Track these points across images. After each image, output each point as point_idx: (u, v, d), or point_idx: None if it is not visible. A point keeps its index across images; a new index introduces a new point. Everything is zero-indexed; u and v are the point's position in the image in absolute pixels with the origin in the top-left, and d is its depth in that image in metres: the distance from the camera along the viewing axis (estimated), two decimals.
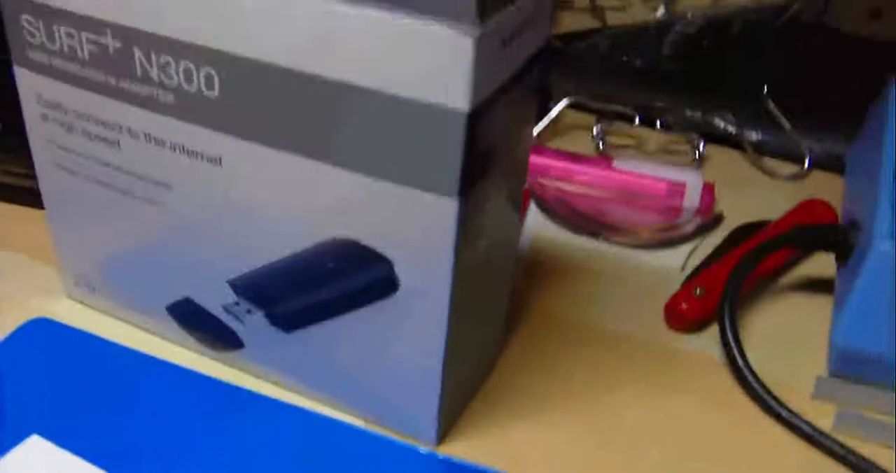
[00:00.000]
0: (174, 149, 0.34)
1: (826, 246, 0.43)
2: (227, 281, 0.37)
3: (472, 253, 0.32)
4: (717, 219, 0.51)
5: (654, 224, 0.50)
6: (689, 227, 0.50)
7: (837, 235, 0.43)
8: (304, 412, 0.37)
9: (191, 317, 0.39)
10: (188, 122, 0.33)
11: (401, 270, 0.32)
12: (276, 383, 0.39)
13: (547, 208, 0.50)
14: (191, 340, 0.40)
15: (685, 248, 0.49)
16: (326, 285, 0.34)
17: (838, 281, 0.44)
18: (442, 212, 0.30)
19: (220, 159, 0.33)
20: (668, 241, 0.49)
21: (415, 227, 0.31)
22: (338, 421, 0.37)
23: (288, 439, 0.36)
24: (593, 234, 0.49)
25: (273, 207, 0.33)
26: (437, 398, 0.35)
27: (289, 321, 0.36)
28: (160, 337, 0.41)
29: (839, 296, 0.43)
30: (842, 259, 0.44)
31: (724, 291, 0.42)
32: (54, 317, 0.41)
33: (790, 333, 0.44)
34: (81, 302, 0.43)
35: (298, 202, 0.32)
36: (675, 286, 0.45)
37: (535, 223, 0.50)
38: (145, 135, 0.35)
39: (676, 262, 0.48)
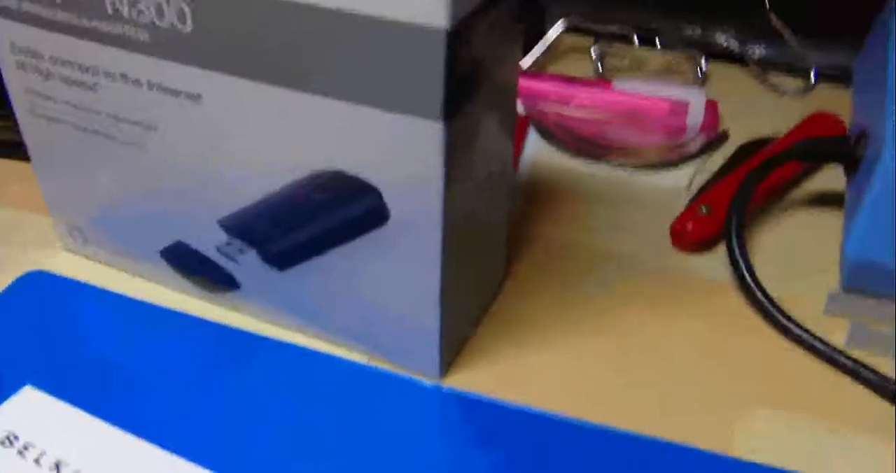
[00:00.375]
0: (152, 89, 0.33)
1: (834, 159, 0.42)
2: (218, 221, 0.36)
3: (464, 180, 0.31)
4: (722, 137, 0.49)
5: (658, 144, 0.48)
6: (694, 146, 0.48)
7: (845, 146, 0.41)
8: (305, 351, 0.37)
9: (185, 261, 0.38)
10: (164, 59, 0.32)
11: (390, 199, 0.31)
12: (275, 323, 0.38)
13: (547, 134, 0.49)
14: (187, 284, 0.39)
15: (690, 168, 0.48)
16: (316, 218, 0.33)
17: (848, 194, 0.43)
18: (428, 136, 0.29)
19: (200, 96, 0.32)
20: (673, 161, 0.48)
21: (401, 154, 0.30)
22: (340, 359, 0.37)
23: (290, 379, 0.36)
24: (596, 157, 0.48)
25: (257, 142, 0.32)
26: (438, 329, 0.34)
27: (281, 258, 0.35)
28: (156, 284, 0.40)
29: (849, 209, 0.41)
30: (851, 171, 0.42)
31: (729, 208, 0.41)
32: (51, 270, 0.41)
33: (800, 249, 0.43)
34: (77, 254, 0.42)
35: (281, 134, 0.31)
36: (681, 206, 0.44)
37: (536, 149, 0.49)
38: (122, 76, 0.33)
39: (682, 182, 0.47)
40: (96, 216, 0.39)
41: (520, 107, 0.50)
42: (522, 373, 0.37)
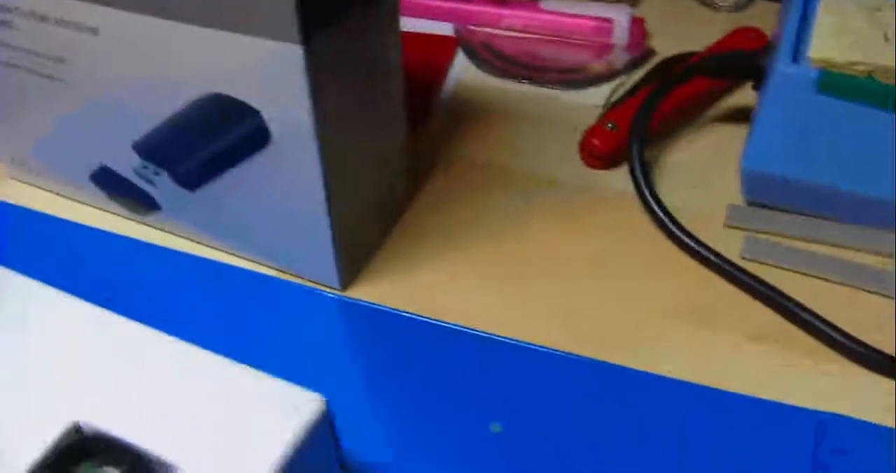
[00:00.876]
0: (58, 24, 0.35)
1: (741, 73, 0.43)
2: (132, 145, 0.38)
3: (336, 100, 0.33)
4: (648, 54, 0.50)
5: (585, 62, 0.50)
6: (619, 64, 0.49)
7: (752, 61, 0.42)
8: (220, 265, 0.39)
9: (111, 184, 0.41)
10: None
11: (269, 119, 0.33)
12: (196, 241, 0.41)
13: (474, 55, 0.50)
14: (118, 207, 0.42)
15: (612, 85, 0.49)
16: (211, 140, 0.35)
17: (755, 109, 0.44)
18: (289, 59, 0.30)
19: (97, 29, 0.34)
20: (597, 79, 0.49)
21: (268, 76, 0.31)
22: (249, 271, 0.39)
23: (205, 290, 0.39)
24: (521, 78, 0.49)
25: (147, 69, 0.34)
26: (331, 243, 0.37)
27: (189, 178, 0.38)
28: (94, 208, 0.43)
29: (752, 123, 0.43)
30: (757, 85, 0.43)
31: (632, 123, 0.42)
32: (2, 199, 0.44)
33: (713, 165, 0.44)
34: (23, 182, 0.45)
35: (166, 61, 0.33)
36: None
37: (463, 70, 0.50)
38: (32, 13, 0.35)
39: (601, 100, 0.48)
40: (32, 146, 0.42)
41: (448, 29, 0.51)
42: (425, 286, 0.39)
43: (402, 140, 0.40)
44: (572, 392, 0.35)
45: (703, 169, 0.44)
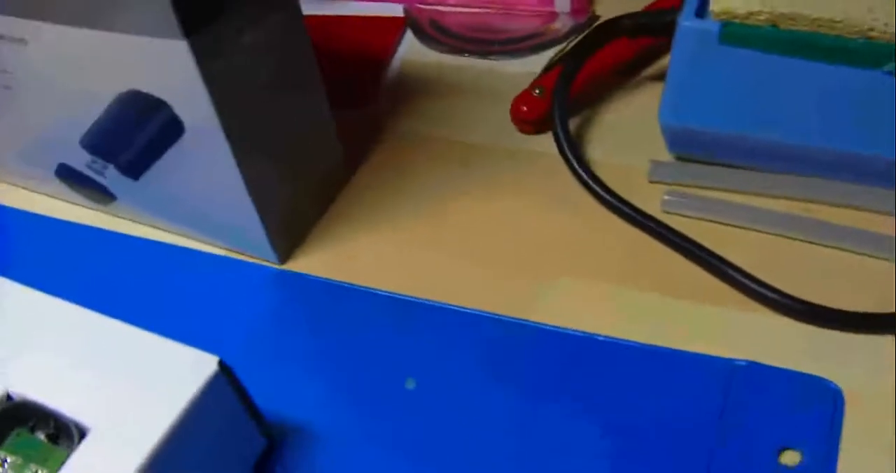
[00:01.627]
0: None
1: (657, 31, 0.44)
2: (79, 143, 0.41)
3: (236, 88, 0.36)
4: (592, 20, 0.52)
5: (529, 32, 0.51)
6: (563, 31, 0.51)
7: (663, 18, 0.43)
8: (166, 246, 0.43)
9: (73, 179, 0.44)
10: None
11: (178, 111, 0.36)
12: (152, 226, 0.44)
13: (422, 33, 0.52)
14: (82, 199, 0.46)
15: (552, 52, 0.50)
16: (139, 131, 0.38)
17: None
18: (177, 53, 0.33)
19: (25, 40, 0.37)
20: (541, 47, 0.51)
21: (165, 71, 0.34)
22: (195, 250, 0.42)
23: (156, 270, 0.42)
24: (466, 52, 0.51)
25: (72, 72, 0.37)
26: (260, 222, 0.39)
27: (130, 168, 0.41)
28: (63, 201, 0.47)
29: None
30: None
31: (553, 87, 0.44)
32: None
33: (644, 124, 0.45)
34: (3, 183, 0.49)
35: (84, 64, 0.36)
36: None
37: (409, 49, 0.52)
38: None
39: (540, 67, 0.49)
40: (3, 149, 0.46)
41: (396, 9, 0.53)
42: (358, 255, 0.42)
43: (325, 121, 0.42)
44: (487, 349, 0.37)
45: (635, 128, 0.46)
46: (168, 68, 0.34)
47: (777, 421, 0.34)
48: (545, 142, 0.45)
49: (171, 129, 0.37)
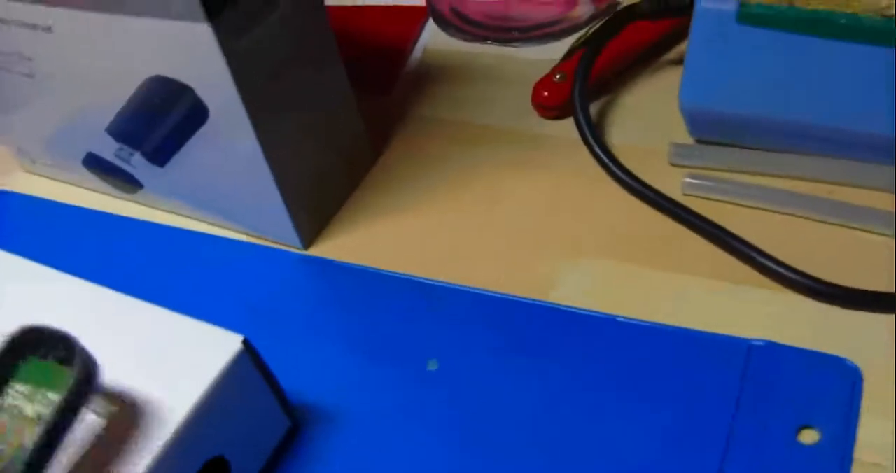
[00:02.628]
0: (20, 26, 0.39)
1: (678, 13, 0.44)
2: (106, 130, 0.42)
3: (261, 73, 0.36)
4: (612, 6, 0.52)
5: (550, 19, 0.51)
6: (584, 17, 0.51)
7: (682, 0, 0.43)
8: (191, 233, 0.43)
9: (100, 167, 0.45)
10: (18, 1, 0.38)
11: (202, 95, 0.37)
12: (177, 214, 0.45)
13: (443, 21, 0.53)
14: (110, 188, 0.46)
15: (573, 39, 0.50)
16: (164, 117, 0.39)
17: None
18: (201, 37, 0.34)
19: (51, 27, 0.38)
20: (561, 34, 0.51)
21: (190, 55, 0.35)
22: (220, 237, 0.43)
23: (179, 257, 0.43)
24: (487, 39, 0.51)
25: (99, 59, 0.38)
26: (285, 207, 0.40)
27: (156, 154, 0.42)
28: (91, 190, 0.47)
29: None
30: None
31: (574, 71, 0.44)
32: (14, 190, 0.48)
33: (665, 106, 0.45)
34: (33, 174, 0.50)
35: (110, 51, 0.37)
36: None
37: (432, 37, 0.52)
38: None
39: (561, 54, 0.49)
40: (31, 139, 0.47)
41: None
42: (381, 240, 0.42)
43: (349, 107, 0.43)
44: (508, 331, 0.37)
45: (656, 111, 0.46)
46: (191, 52, 0.35)
47: (795, 400, 0.34)
48: (566, 127, 0.45)
49: (196, 114, 0.38)
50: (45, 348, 0.30)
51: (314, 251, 0.42)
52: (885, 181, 0.40)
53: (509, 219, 0.42)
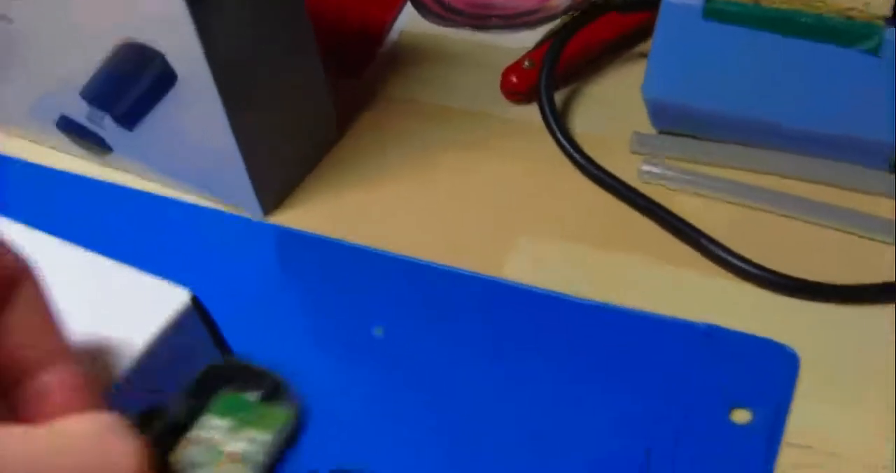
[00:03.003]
0: None
1: (645, 7, 0.45)
2: (79, 93, 0.43)
3: (229, 41, 0.37)
4: None
5: (528, 8, 0.52)
6: (560, 7, 0.52)
7: None
8: (155, 197, 0.44)
9: (73, 130, 0.46)
10: None
11: (172, 60, 0.37)
12: (146, 178, 0.46)
13: (421, 6, 0.53)
14: (83, 150, 0.47)
15: (548, 27, 0.51)
16: (134, 81, 0.40)
17: None
18: (173, 6, 0.35)
19: None
20: (537, 23, 0.52)
21: (160, 20, 0.36)
22: (182, 202, 0.44)
23: (141, 219, 0.43)
24: (464, 25, 0.52)
25: (71, 22, 0.39)
26: (246, 173, 0.41)
27: (125, 118, 0.42)
28: (66, 154, 0.48)
29: None
30: None
31: (542, 59, 0.45)
32: None
33: (631, 97, 0.46)
34: (10, 134, 0.50)
35: (83, 13, 0.38)
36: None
37: (409, 21, 0.53)
38: None
39: (534, 41, 0.50)
40: (5, 100, 0.47)
41: None
42: (341, 212, 0.43)
43: (318, 83, 0.43)
44: (456, 303, 0.38)
45: (621, 101, 0.47)
46: (162, 17, 0.35)
47: (731, 381, 0.35)
48: (532, 112, 0.46)
49: (165, 80, 0.39)
50: (242, 382, 0.29)
51: (274, 219, 0.43)
52: (837, 177, 0.41)
53: (469, 198, 0.43)
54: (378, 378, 0.36)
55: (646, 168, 0.42)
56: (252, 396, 0.29)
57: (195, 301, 0.32)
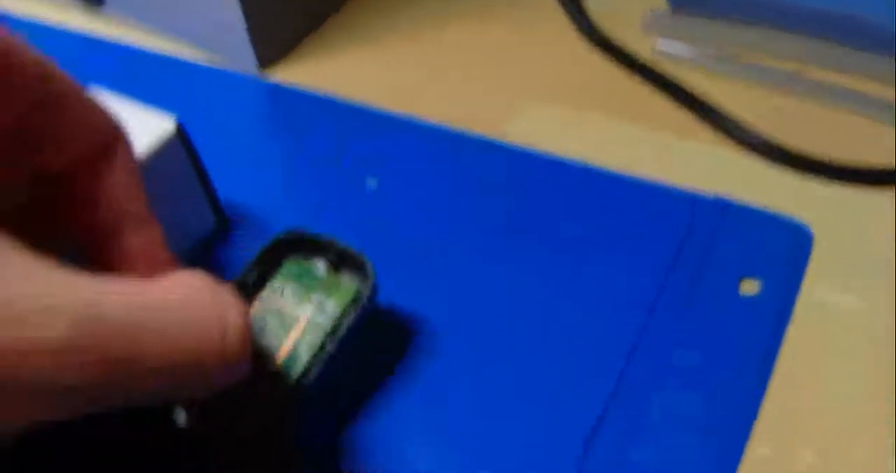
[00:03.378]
0: None
1: None
2: None
3: None
4: None
5: None
6: None
7: None
8: (149, 53, 0.42)
9: None
10: None
11: None
12: (139, 30, 0.43)
13: None
14: (76, 2, 0.45)
15: None
16: None
17: None
18: None
19: None
20: None
21: None
22: (178, 59, 0.42)
23: (134, 75, 0.41)
24: None
25: None
26: (244, 21, 0.38)
27: None
28: (55, 6, 0.46)
29: None
30: None
31: None
32: None
33: None
34: None
35: None
36: None
37: None
38: None
39: None
40: None
41: None
42: (341, 71, 0.41)
43: None
44: (451, 160, 0.36)
45: None
46: None
47: (740, 253, 0.33)
48: None
49: None
50: (307, 250, 0.29)
51: (271, 76, 0.41)
52: (857, 64, 0.39)
53: (475, 63, 0.41)
54: (368, 228, 0.34)
55: (661, 41, 0.41)
56: (320, 266, 0.29)
57: (181, 131, 0.30)
